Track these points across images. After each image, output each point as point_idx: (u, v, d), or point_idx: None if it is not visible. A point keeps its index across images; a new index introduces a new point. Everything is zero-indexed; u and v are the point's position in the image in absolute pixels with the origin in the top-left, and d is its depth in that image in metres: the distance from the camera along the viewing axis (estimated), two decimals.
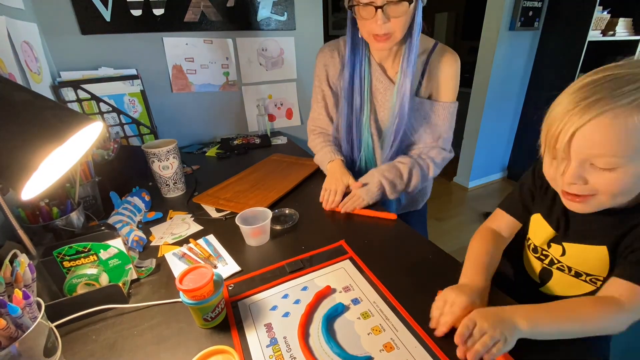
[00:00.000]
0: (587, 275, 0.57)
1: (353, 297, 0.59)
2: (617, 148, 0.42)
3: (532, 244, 0.65)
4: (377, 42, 0.79)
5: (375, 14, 0.73)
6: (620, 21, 2.29)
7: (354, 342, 0.50)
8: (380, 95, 0.92)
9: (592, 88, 0.43)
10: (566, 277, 0.60)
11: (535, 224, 0.64)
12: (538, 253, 0.64)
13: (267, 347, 0.50)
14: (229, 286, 0.63)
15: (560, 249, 0.59)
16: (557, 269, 0.61)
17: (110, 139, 1.07)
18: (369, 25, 0.76)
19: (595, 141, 0.43)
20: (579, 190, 0.48)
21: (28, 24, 1.05)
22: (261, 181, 1.04)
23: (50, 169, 0.53)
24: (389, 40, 0.78)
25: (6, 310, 0.39)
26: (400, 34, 0.77)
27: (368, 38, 0.81)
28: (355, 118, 0.94)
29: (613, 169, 0.44)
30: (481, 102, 2.51)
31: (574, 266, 0.58)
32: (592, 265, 0.56)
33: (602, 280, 0.56)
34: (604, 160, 0.44)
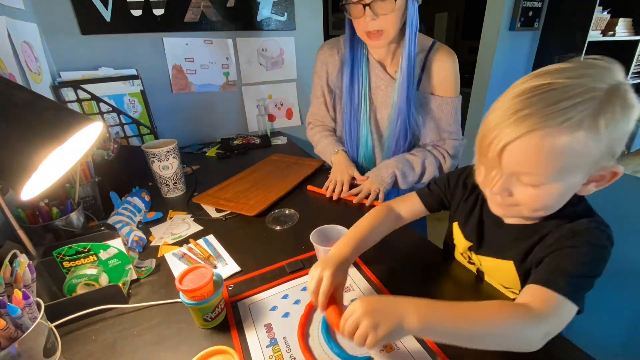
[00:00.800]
0: (505, 288, 0.59)
1: (353, 297, 0.59)
2: (542, 168, 0.42)
3: (458, 249, 0.66)
4: (371, 39, 0.80)
5: (364, 11, 0.75)
6: (620, 21, 2.28)
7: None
8: (382, 93, 0.93)
9: (527, 99, 0.41)
10: (495, 283, 0.61)
11: (455, 232, 0.65)
12: (467, 258, 0.65)
13: (267, 347, 0.50)
14: (229, 286, 0.62)
15: (478, 259, 0.60)
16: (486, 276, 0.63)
17: (110, 139, 1.07)
18: (361, 24, 0.79)
19: (522, 159, 0.42)
20: (505, 201, 0.48)
21: (28, 24, 1.05)
22: (261, 181, 1.04)
23: (50, 169, 0.53)
24: (382, 37, 0.79)
25: (6, 311, 0.39)
26: (392, 30, 0.79)
27: (363, 36, 0.82)
28: (354, 116, 0.96)
29: (537, 186, 0.43)
30: (481, 102, 2.51)
31: (491, 278, 0.60)
32: (504, 278, 0.57)
33: (517, 293, 0.55)
34: (529, 178, 0.43)
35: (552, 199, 0.45)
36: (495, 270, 0.58)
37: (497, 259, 0.56)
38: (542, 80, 0.41)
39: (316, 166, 1.14)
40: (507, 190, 0.46)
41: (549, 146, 0.40)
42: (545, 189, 0.44)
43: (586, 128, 0.38)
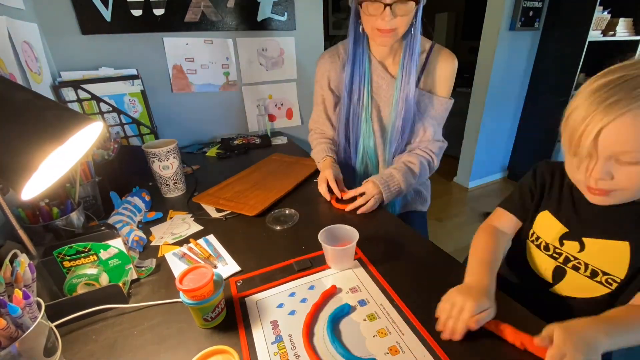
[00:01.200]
0: (603, 275, 0.56)
1: (360, 298, 0.59)
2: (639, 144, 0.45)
3: (542, 242, 0.64)
4: (382, 36, 0.81)
5: (383, 11, 0.75)
6: (621, 21, 2.28)
7: (359, 343, 0.50)
8: (383, 92, 0.94)
9: (610, 90, 0.45)
10: (580, 277, 0.59)
11: (543, 222, 0.64)
12: (550, 251, 0.63)
13: (272, 344, 0.50)
14: (237, 282, 0.63)
15: (577, 245, 0.59)
16: (573, 267, 0.60)
17: (110, 139, 1.07)
18: (375, 21, 0.79)
19: (620, 139, 0.45)
20: (606, 185, 0.50)
21: (28, 24, 1.05)
22: (261, 181, 1.04)
23: (50, 169, 0.53)
24: (393, 35, 0.80)
25: (6, 310, 0.39)
26: (403, 30, 0.80)
27: (372, 32, 0.82)
28: (353, 113, 0.96)
29: (637, 163, 0.46)
30: (481, 102, 2.51)
31: (592, 263, 0.57)
32: (611, 262, 0.55)
33: (618, 282, 0.54)
34: (629, 156, 0.46)
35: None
36: (604, 252, 0.56)
37: (609, 240, 0.55)
38: (616, 75, 0.46)
39: (316, 166, 1.14)
40: (609, 173, 0.48)
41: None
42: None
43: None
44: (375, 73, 0.93)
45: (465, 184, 2.85)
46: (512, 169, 2.96)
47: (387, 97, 0.94)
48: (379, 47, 0.90)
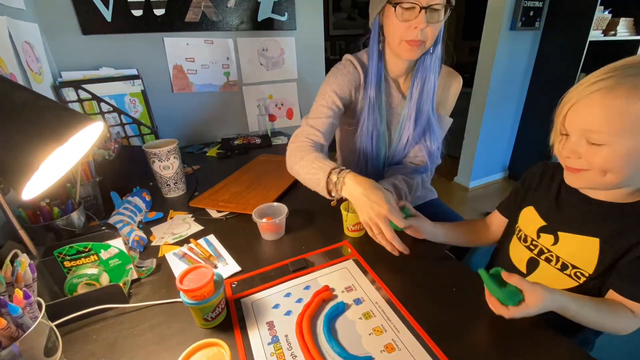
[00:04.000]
0: (572, 268, 0.58)
1: (355, 297, 0.59)
2: (607, 124, 0.46)
3: (522, 235, 0.66)
4: (410, 47, 0.78)
5: (418, 15, 0.73)
6: (622, 21, 2.28)
7: (355, 342, 0.50)
8: (393, 110, 0.94)
9: (606, 71, 0.47)
10: (551, 269, 0.60)
11: (526, 216, 0.66)
12: (527, 242, 0.65)
13: (268, 344, 0.50)
14: (232, 284, 0.63)
15: (552, 238, 0.60)
16: (545, 260, 0.61)
17: (111, 139, 1.07)
18: (405, 30, 0.76)
19: (588, 117, 0.47)
20: (573, 163, 0.52)
21: (29, 24, 1.05)
22: (255, 181, 1.04)
23: (51, 169, 0.53)
24: (421, 46, 0.78)
25: (7, 310, 0.39)
26: (430, 42, 0.79)
27: (399, 44, 0.79)
28: (374, 130, 0.93)
29: (602, 145, 0.47)
30: (482, 102, 2.51)
31: (562, 256, 0.59)
32: (581, 257, 0.57)
33: (586, 276, 0.56)
34: (595, 136, 0.47)
35: (621, 161, 0.47)
36: (573, 247, 0.58)
37: (580, 235, 0.57)
38: (623, 62, 0.47)
39: None
40: (575, 152, 0.50)
41: (617, 103, 0.44)
42: (613, 149, 0.46)
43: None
44: (389, 92, 0.92)
45: (465, 184, 2.85)
46: (513, 168, 2.96)
47: (395, 115, 0.94)
48: (397, 63, 0.87)
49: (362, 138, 0.95)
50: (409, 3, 0.73)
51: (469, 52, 3.55)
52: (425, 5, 0.72)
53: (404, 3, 0.73)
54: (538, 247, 0.63)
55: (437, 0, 0.72)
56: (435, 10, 0.73)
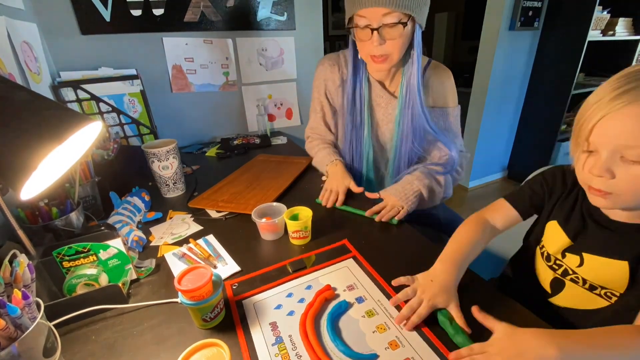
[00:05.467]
0: (602, 289, 0.55)
1: (357, 295, 0.59)
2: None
3: (545, 252, 0.63)
4: (375, 63, 0.81)
5: (371, 35, 0.76)
6: (620, 21, 2.28)
7: (359, 340, 0.51)
8: (382, 110, 0.94)
9: (627, 78, 0.42)
10: (579, 289, 0.57)
11: (551, 231, 0.62)
12: (551, 262, 0.61)
13: (272, 345, 0.50)
14: (233, 285, 0.63)
15: (578, 259, 0.57)
16: (571, 280, 0.58)
17: (110, 139, 1.07)
18: (367, 47, 0.79)
19: (624, 130, 0.42)
20: (604, 185, 0.46)
21: (28, 24, 1.05)
22: (255, 181, 1.04)
23: (49, 169, 0.53)
24: (386, 61, 0.80)
25: (5, 311, 0.39)
26: (397, 55, 0.80)
27: (366, 59, 0.83)
28: (356, 134, 0.97)
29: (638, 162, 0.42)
30: (481, 102, 2.51)
31: (590, 279, 0.56)
32: (610, 279, 0.54)
33: (617, 295, 0.53)
34: (633, 152, 0.42)
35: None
36: (602, 269, 0.54)
37: (607, 258, 0.53)
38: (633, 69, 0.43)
39: (305, 163, 1.14)
40: (609, 170, 0.44)
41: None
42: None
43: None
44: (374, 92, 0.93)
45: (465, 184, 2.85)
46: (512, 168, 2.96)
47: (386, 115, 0.94)
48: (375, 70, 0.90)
49: (345, 143, 1.00)
50: (362, 27, 0.75)
51: (468, 52, 3.55)
52: (376, 27, 0.74)
53: (358, 27, 0.76)
54: (562, 267, 0.59)
55: (389, 20, 0.73)
56: (392, 26, 0.74)
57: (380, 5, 0.71)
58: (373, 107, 0.95)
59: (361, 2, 0.73)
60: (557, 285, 0.61)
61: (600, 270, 0.55)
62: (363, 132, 0.96)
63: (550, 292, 0.62)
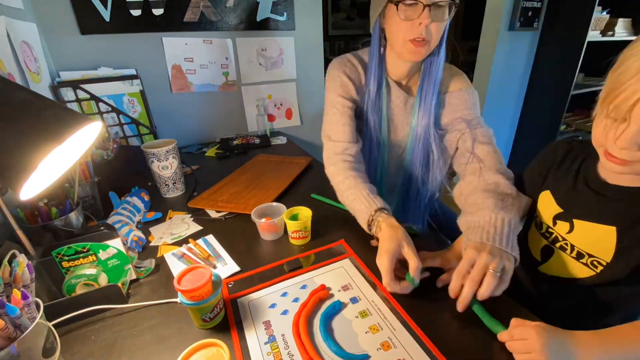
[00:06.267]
0: (589, 257, 0.55)
1: (352, 295, 0.59)
2: None
3: (538, 220, 0.64)
4: (415, 46, 0.74)
5: (422, 12, 0.70)
6: (620, 21, 2.28)
7: (351, 340, 0.51)
8: (400, 112, 0.89)
9: None
10: (567, 257, 0.58)
11: (543, 201, 0.63)
12: (543, 229, 0.63)
13: (265, 344, 0.50)
14: (229, 284, 0.63)
15: (568, 226, 0.57)
16: (560, 248, 0.60)
17: (109, 139, 1.07)
18: (408, 29, 0.73)
19: None
20: (629, 156, 0.46)
21: (27, 24, 1.05)
22: (254, 181, 1.04)
23: (49, 169, 0.53)
24: (426, 46, 0.74)
25: (4, 311, 0.39)
26: (435, 42, 0.75)
27: (403, 44, 0.75)
28: (375, 136, 0.90)
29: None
30: (481, 102, 2.50)
31: (578, 245, 0.56)
32: (597, 245, 0.54)
33: (603, 265, 0.54)
34: None
35: None
36: (590, 235, 0.55)
37: (596, 224, 0.53)
38: None
39: (305, 163, 1.15)
40: (636, 144, 0.44)
41: None
42: None
43: None
44: (393, 93, 0.88)
45: None
46: (512, 168, 2.95)
47: (404, 117, 0.89)
48: (400, 66, 0.83)
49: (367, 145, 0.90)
50: (411, 0, 0.70)
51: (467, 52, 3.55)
52: (428, 2, 0.69)
53: (406, 0, 0.70)
54: (553, 235, 0.60)
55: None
56: (440, 7, 0.70)
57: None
58: (392, 109, 0.89)
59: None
60: (547, 252, 0.62)
61: (588, 236, 0.55)
62: (381, 135, 0.90)
63: (540, 260, 0.63)
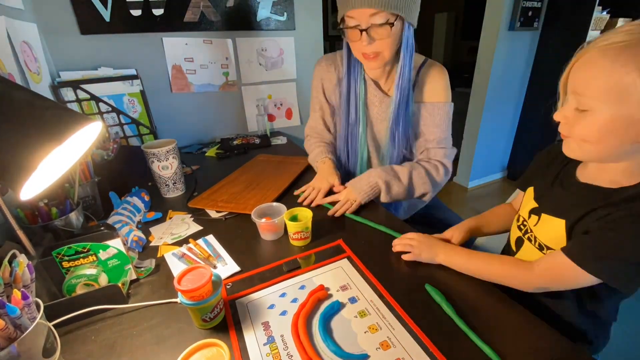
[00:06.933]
0: (547, 249, 0.58)
1: (350, 295, 0.59)
2: (591, 86, 0.44)
3: (519, 215, 0.68)
4: (367, 60, 0.83)
5: (360, 36, 0.77)
6: (620, 21, 2.28)
7: (350, 340, 0.51)
8: (376, 109, 0.96)
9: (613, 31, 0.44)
10: (532, 248, 0.61)
11: (526, 196, 0.67)
12: (519, 222, 0.66)
13: (264, 345, 0.50)
14: (227, 285, 0.63)
15: (536, 219, 0.61)
16: (527, 239, 0.63)
17: (109, 139, 1.07)
18: (358, 46, 0.81)
19: (580, 76, 0.46)
20: (563, 130, 0.51)
21: (27, 24, 1.05)
22: (254, 181, 1.04)
23: (49, 169, 0.53)
24: (378, 59, 0.82)
25: (5, 311, 0.39)
26: (388, 53, 0.81)
27: (359, 57, 0.85)
28: (350, 131, 0.98)
29: (585, 111, 0.46)
30: (481, 102, 2.51)
31: (539, 237, 0.59)
32: (551, 238, 0.57)
33: None
34: (582, 100, 0.46)
35: (599, 130, 0.46)
36: (547, 228, 0.58)
37: (554, 217, 0.56)
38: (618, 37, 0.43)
39: (305, 164, 1.15)
40: (565, 117, 0.49)
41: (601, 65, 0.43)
42: (594, 116, 0.45)
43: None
44: (369, 91, 0.95)
45: (465, 184, 2.85)
46: (512, 168, 2.96)
47: (380, 113, 0.96)
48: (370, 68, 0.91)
49: (341, 139, 1.02)
50: (352, 27, 0.77)
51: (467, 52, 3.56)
52: (364, 27, 0.76)
53: (348, 28, 0.78)
54: (525, 227, 0.64)
55: (377, 21, 0.74)
56: (379, 26, 0.75)
57: (367, 6, 0.73)
58: (368, 106, 0.96)
59: (349, 3, 0.74)
60: (519, 243, 0.65)
61: (546, 228, 0.58)
62: (358, 129, 0.97)
63: (515, 250, 0.66)
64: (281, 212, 0.76)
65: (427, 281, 0.61)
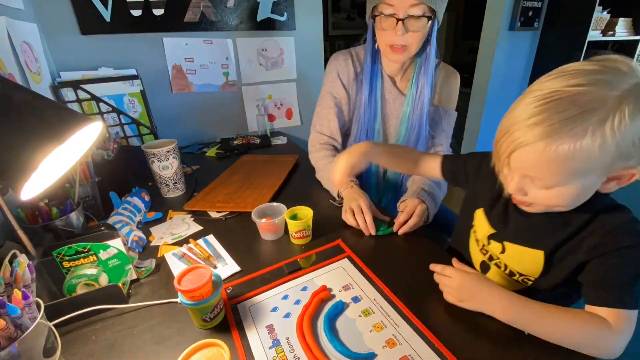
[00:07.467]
0: (520, 275, 0.59)
1: (353, 295, 0.59)
2: (549, 174, 0.44)
3: (477, 236, 0.66)
4: (394, 52, 0.82)
5: (396, 25, 0.77)
6: (620, 21, 2.28)
7: (356, 339, 0.51)
8: (389, 106, 0.96)
9: (540, 106, 0.42)
10: (502, 273, 0.61)
11: (478, 218, 0.66)
12: (480, 246, 0.65)
13: (269, 348, 0.50)
14: (227, 289, 0.62)
15: (500, 247, 0.60)
16: (495, 265, 0.62)
17: (110, 139, 1.07)
18: (388, 36, 0.80)
19: (530, 164, 0.45)
20: (521, 200, 0.51)
21: (28, 24, 1.05)
22: (246, 181, 1.04)
23: (49, 169, 0.53)
24: (405, 52, 0.82)
25: (5, 311, 0.39)
26: (415, 47, 0.81)
27: (385, 49, 0.84)
28: (369, 126, 0.97)
29: (549, 188, 0.46)
30: (481, 102, 2.51)
31: (510, 265, 0.60)
32: (526, 267, 0.57)
33: (532, 280, 0.57)
34: (539, 182, 0.46)
35: (568, 199, 0.47)
36: (520, 257, 0.58)
37: (526, 247, 0.56)
38: (558, 85, 0.42)
39: (293, 161, 1.15)
40: (521, 190, 0.49)
41: (553, 154, 0.41)
42: (559, 190, 0.45)
43: (590, 135, 0.39)
44: (385, 87, 0.95)
45: None
46: None
47: (392, 111, 0.96)
48: (391, 62, 0.90)
49: (357, 135, 0.99)
50: (387, 15, 0.77)
51: (468, 52, 3.55)
52: (402, 17, 0.76)
53: (382, 15, 0.78)
54: (488, 253, 0.63)
55: (415, 12, 0.75)
56: (416, 18, 0.76)
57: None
58: (382, 104, 0.96)
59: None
60: (485, 267, 0.65)
61: (518, 257, 0.58)
62: (375, 125, 0.96)
63: (481, 271, 0.66)
64: (281, 211, 0.76)
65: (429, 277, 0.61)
